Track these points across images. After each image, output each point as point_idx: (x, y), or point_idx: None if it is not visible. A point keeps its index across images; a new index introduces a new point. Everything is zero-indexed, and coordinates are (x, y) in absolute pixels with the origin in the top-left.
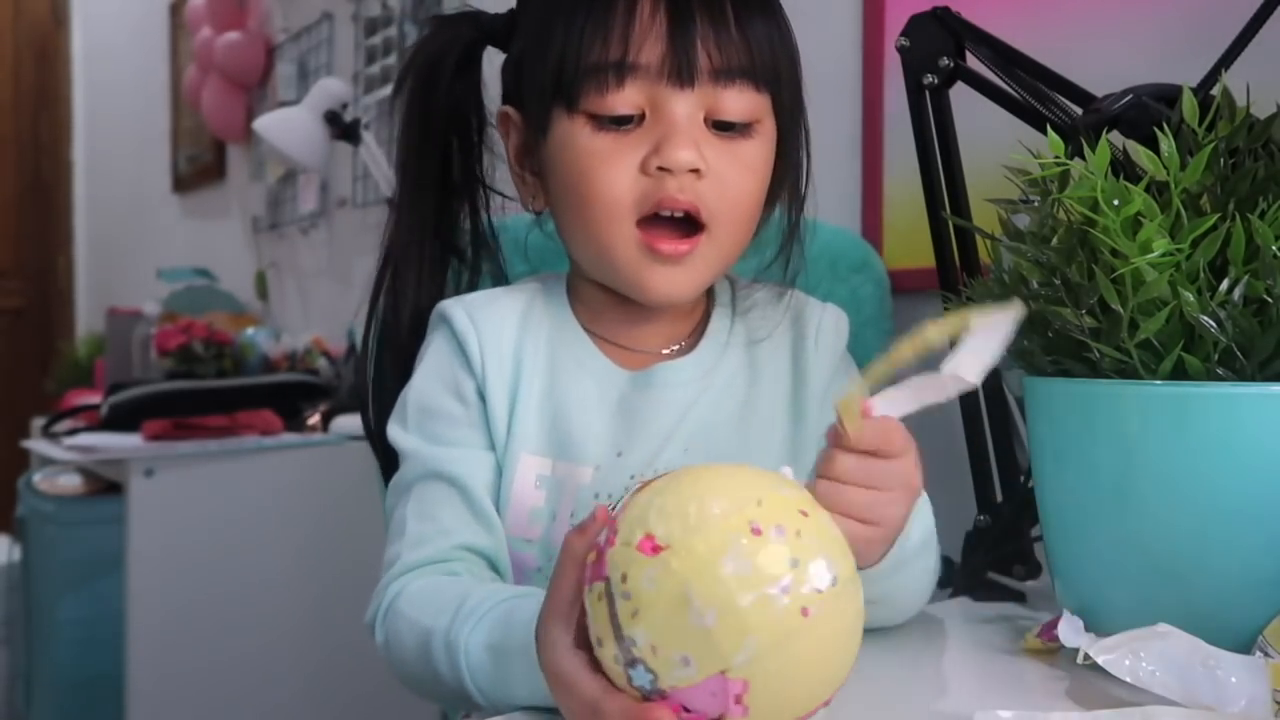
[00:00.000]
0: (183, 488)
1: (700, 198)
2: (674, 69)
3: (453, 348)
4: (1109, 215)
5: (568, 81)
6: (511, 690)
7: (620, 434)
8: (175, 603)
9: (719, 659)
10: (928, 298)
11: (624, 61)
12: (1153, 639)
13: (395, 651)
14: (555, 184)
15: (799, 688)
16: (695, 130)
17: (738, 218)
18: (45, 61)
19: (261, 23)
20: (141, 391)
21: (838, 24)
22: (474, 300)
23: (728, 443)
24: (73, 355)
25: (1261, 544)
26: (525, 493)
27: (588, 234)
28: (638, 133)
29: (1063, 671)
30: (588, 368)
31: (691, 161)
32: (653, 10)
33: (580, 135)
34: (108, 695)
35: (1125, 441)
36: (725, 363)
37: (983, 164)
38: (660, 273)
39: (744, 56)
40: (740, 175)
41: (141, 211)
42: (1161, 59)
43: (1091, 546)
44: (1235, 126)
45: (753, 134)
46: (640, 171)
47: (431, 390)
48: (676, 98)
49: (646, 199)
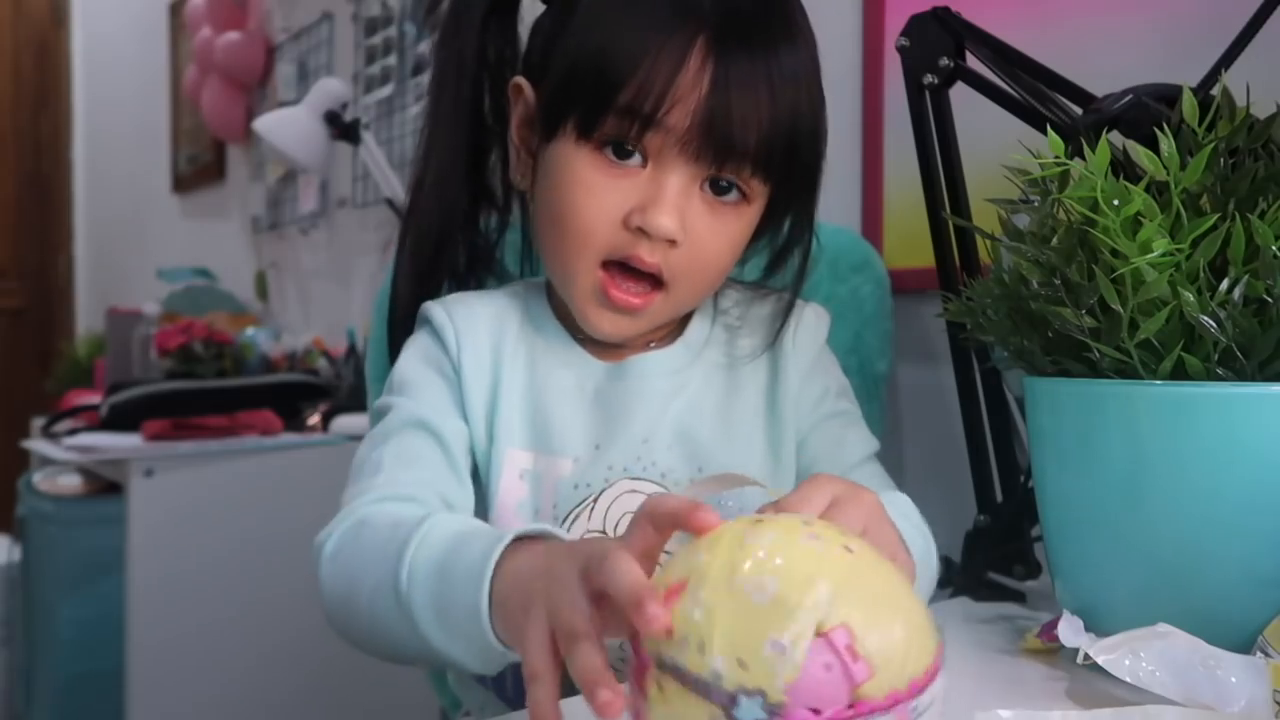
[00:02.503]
0: (183, 488)
1: (667, 263)
2: (691, 143)
3: (432, 339)
4: (1109, 215)
5: (592, 110)
6: (452, 597)
7: (598, 426)
8: (175, 603)
9: (805, 616)
10: (928, 297)
11: (653, 117)
12: (1153, 639)
13: (341, 563)
14: (542, 191)
15: (896, 627)
16: (685, 198)
17: (701, 280)
18: (45, 61)
19: (261, 23)
20: (141, 391)
21: (838, 24)
22: (453, 300)
23: (709, 440)
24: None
25: (1261, 544)
26: (511, 487)
27: (556, 255)
28: (634, 177)
29: (1063, 671)
30: (566, 361)
31: (671, 233)
32: (698, 71)
33: (581, 164)
34: (108, 695)
35: (1125, 441)
36: (704, 359)
37: (983, 164)
38: (608, 317)
39: (763, 149)
40: (715, 242)
41: (141, 211)
42: (1161, 59)
43: (1092, 546)
44: (1235, 126)
45: (741, 206)
46: (621, 222)
47: (414, 367)
48: (681, 166)
49: (618, 250)
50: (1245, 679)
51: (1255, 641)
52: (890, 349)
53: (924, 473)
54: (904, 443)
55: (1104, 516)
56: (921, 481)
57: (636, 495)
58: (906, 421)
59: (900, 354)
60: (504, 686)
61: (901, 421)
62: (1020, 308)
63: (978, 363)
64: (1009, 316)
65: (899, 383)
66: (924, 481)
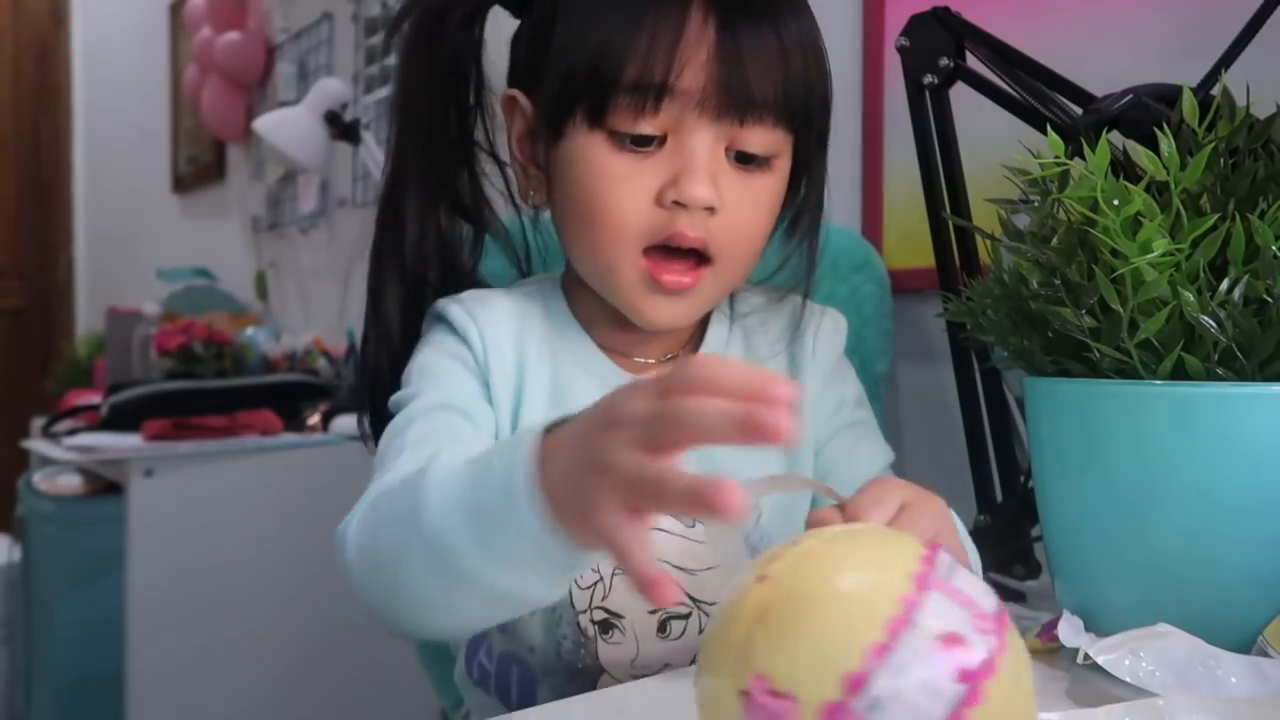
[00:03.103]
0: (183, 488)
1: (710, 234)
2: (710, 100)
3: (453, 336)
4: (1109, 215)
5: (600, 95)
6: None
7: None
8: (175, 603)
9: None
10: (928, 297)
11: (665, 85)
12: (1153, 639)
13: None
14: (563, 192)
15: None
16: (715, 163)
17: (744, 251)
18: (45, 61)
19: (261, 23)
20: (141, 391)
21: (838, 24)
22: (470, 297)
23: (726, 459)
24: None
25: (1261, 544)
26: None
27: (592, 253)
28: (657, 156)
29: (1062, 671)
30: (589, 368)
31: (709, 200)
32: (700, 31)
33: (599, 152)
34: (108, 695)
35: (1125, 442)
36: None
37: (983, 164)
38: (661, 303)
39: (780, 94)
40: (752, 211)
41: (141, 211)
42: (1161, 59)
43: (1092, 546)
44: (1235, 126)
45: (771, 168)
46: (655, 202)
47: (436, 359)
48: (703, 128)
49: (658, 231)
50: (1245, 679)
51: (1255, 641)
52: (890, 349)
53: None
54: (904, 443)
55: (1104, 516)
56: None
57: None
58: (906, 421)
59: (900, 354)
60: (508, 692)
61: (901, 421)
62: (1020, 308)
63: (978, 363)
64: (1009, 316)
65: (899, 383)
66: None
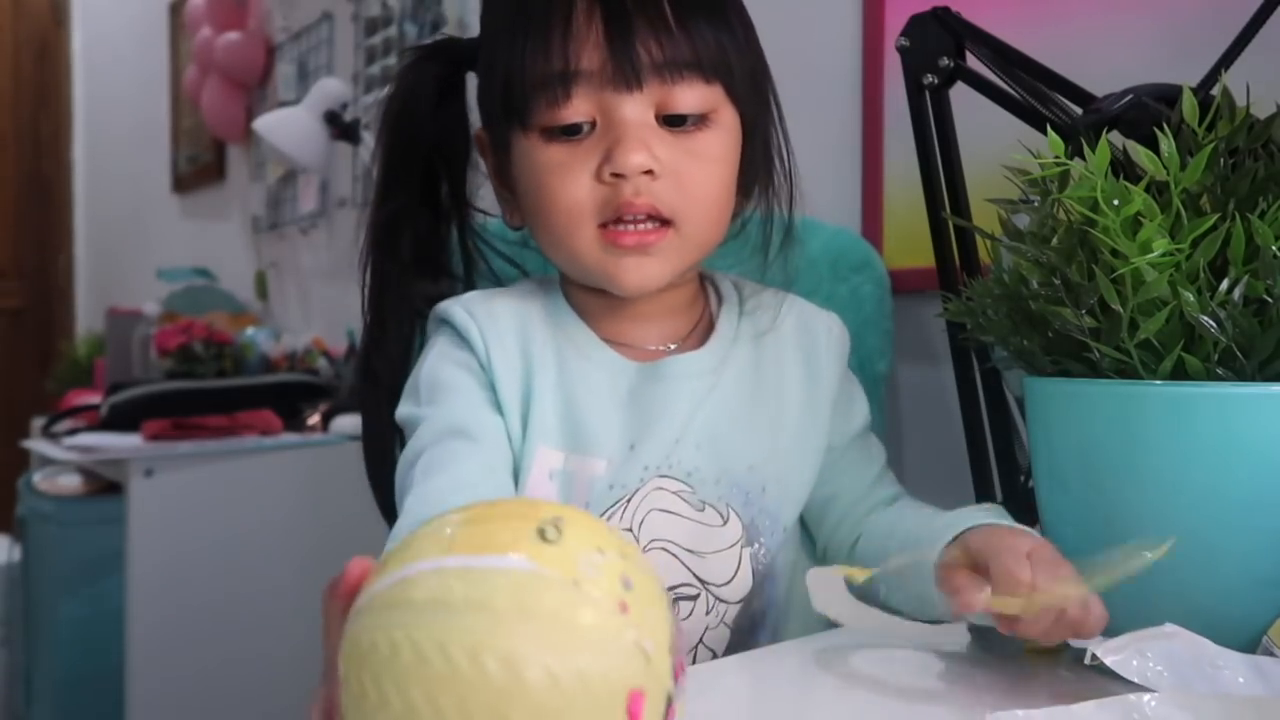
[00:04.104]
0: (183, 488)
1: (657, 197)
2: (617, 71)
3: (456, 342)
4: (1109, 215)
5: (517, 100)
6: None
7: (633, 426)
8: (175, 603)
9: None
10: (928, 298)
11: (567, 71)
12: (1159, 639)
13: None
14: (522, 198)
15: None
16: (645, 131)
17: (703, 210)
18: (45, 60)
19: (261, 23)
20: (141, 391)
21: (838, 24)
22: (471, 298)
23: (737, 438)
24: (73, 355)
25: (1262, 544)
26: (538, 487)
27: (555, 242)
28: (590, 141)
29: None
30: (595, 360)
31: (642, 164)
32: (588, 18)
33: (535, 150)
34: (108, 695)
35: (1125, 441)
36: (734, 358)
37: (983, 164)
38: (628, 263)
39: (686, 50)
40: (699, 169)
41: (141, 211)
42: (1161, 59)
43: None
44: (1235, 126)
45: (708, 125)
46: (595, 180)
47: (441, 367)
48: (624, 101)
49: (606, 205)
50: (1252, 679)
51: (1260, 641)
52: (890, 349)
53: (924, 473)
54: (904, 443)
55: (1104, 516)
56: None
57: (664, 494)
58: (906, 421)
59: (900, 354)
60: None
61: (901, 421)
62: (1020, 308)
63: (978, 363)
64: (1009, 316)
65: (899, 383)
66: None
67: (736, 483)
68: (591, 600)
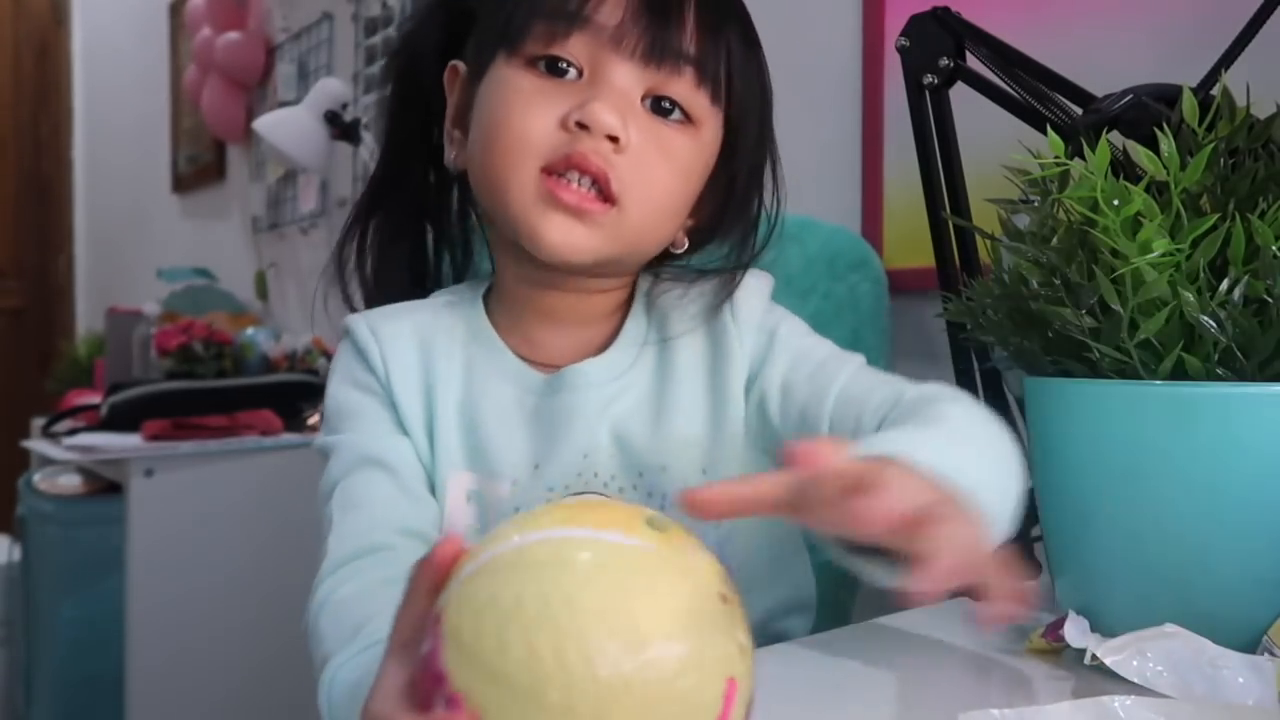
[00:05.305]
0: (183, 488)
1: (612, 167)
2: (627, 36)
3: (357, 360)
4: (1109, 215)
5: (517, 21)
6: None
7: (538, 445)
8: (175, 603)
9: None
10: (927, 297)
11: (579, 14)
12: (1159, 639)
13: (311, 629)
14: (475, 128)
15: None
16: (627, 104)
17: (651, 205)
18: (45, 60)
19: (261, 23)
20: (141, 391)
21: (838, 24)
22: (378, 313)
23: (644, 449)
24: (73, 355)
25: (1263, 544)
26: (458, 511)
27: (491, 181)
28: (569, 87)
29: (1065, 671)
30: (504, 373)
31: (612, 126)
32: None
33: (512, 74)
34: (108, 695)
35: (1125, 442)
36: (640, 363)
37: (983, 164)
38: (558, 222)
39: (702, 51)
40: (662, 164)
41: (141, 211)
42: (1161, 59)
43: (1092, 547)
44: (1235, 126)
45: (688, 130)
46: (559, 126)
47: (343, 393)
48: (620, 66)
49: (557, 150)
50: (1252, 679)
51: (1260, 641)
52: (888, 347)
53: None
54: None
55: (1104, 517)
56: None
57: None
58: None
59: (900, 354)
60: None
61: None
62: (1020, 308)
63: (978, 363)
64: (1009, 316)
65: None
66: None
67: (655, 482)
68: (703, 586)
